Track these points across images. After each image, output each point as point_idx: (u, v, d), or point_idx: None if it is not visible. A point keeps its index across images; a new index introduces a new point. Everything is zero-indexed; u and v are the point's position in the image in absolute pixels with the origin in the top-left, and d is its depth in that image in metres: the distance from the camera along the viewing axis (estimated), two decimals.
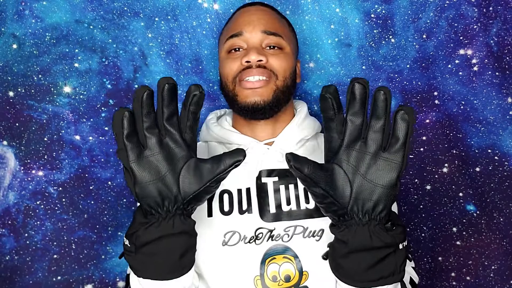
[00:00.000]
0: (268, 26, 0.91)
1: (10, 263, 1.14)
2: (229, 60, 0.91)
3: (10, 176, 1.13)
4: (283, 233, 0.81)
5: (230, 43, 0.91)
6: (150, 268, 0.63)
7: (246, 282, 0.79)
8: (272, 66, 0.88)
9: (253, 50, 0.87)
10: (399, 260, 0.62)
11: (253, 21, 0.91)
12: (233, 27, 0.93)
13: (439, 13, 1.12)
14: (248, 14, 0.93)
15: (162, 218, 0.61)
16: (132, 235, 0.63)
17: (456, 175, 1.19)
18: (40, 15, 1.09)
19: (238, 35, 0.90)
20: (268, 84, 0.87)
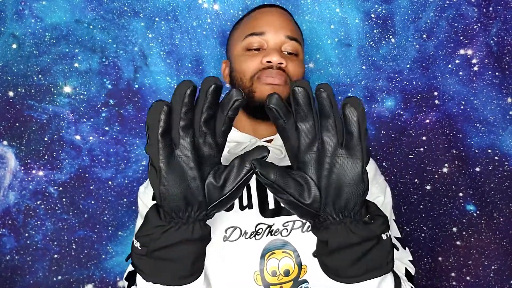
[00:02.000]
0: (290, 31, 0.92)
1: (10, 263, 1.15)
2: (247, 57, 0.90)
3: (10, 176, 1.13)
4: (282, 228, 0.82)
5: (250, 41, 0.91)
6: (162, 273, 0.62)
7: (246, 277, 0.80)
8: (290, 71, 0.89)
9: (275, 52, 0.87)
10: (383, 251, 0.61)
11: (276, 23, 0.91)
12: (255, 25, 0.92)
13: (439, 13, 1.12)
14: (271, 15, 0.93)
15: (182, 223, 0.59)
16: (146, 237, 0.60)
17: (456, 175, 1.19)
18: (40, 15, 1.09)
19: (260, 34, 0.90)
20: (285, 87, 0.88)
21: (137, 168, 1.16)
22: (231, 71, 0.95)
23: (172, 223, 0.59)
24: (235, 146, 0.91)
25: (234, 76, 0.93)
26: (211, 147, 0.59)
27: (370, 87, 1.17)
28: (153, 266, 0.61)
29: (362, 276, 0.61)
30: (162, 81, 1.14)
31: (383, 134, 1.19)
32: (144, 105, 1.14)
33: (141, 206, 0.92)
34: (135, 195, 1.17)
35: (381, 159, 1.20)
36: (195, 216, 0.59)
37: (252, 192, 0.86)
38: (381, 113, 1.18)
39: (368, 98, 1.17)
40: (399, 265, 0.84)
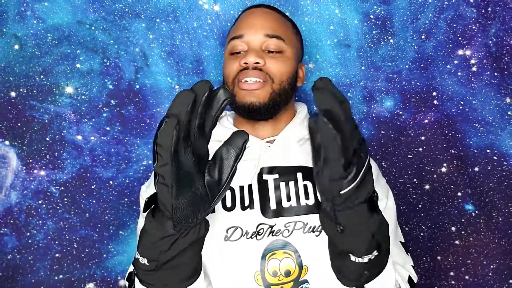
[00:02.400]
0: (270, 29, 0.92)
1: (12, 262, 1.15)
2: (230, 61, 0.92)
3: (12, 176, 1.14)
4: (283, 228, 0.83)
5: (232, 45, 0.93)
6: (171, 281, 0.63)
7: (246, 277, 0.80)
8: (269, 69, 0.89)
9: (251, 52, 0.88)
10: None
11: (255, 24, 0.92)
12: (236, 29, 0.94)
13: (438, 14, 1.13)
14: (252, 17, 0.94)
15: (191, 227, 0.60)
16: (152, 252, 0.60)
17: (455, 175, 1.19)
18: (41, 16, 1.10)
19: (240, 37, 0.92)
20: (264, 87, 0.88)
21: (138, 168, 1.17)
22: (222, 76, 0.98)
23: (181, 231, 0.59)
24: None
25: (223, 82, 0.96)
26: (204, 147, 0.59)
27: (369, 88, 1.17)
28: (163, 277, 0.62)
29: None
30: (163, 82, 1.15)
31: (382, 134, 1.20)
32: (145, 105, 1.15)
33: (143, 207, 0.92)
34: (136, 195, 1.17)
35: (380, 159, 1.21)
36: (202, 217, 0.60)
37: (253, 192, 0.86)
38: (380, 113, 1.19)
39: (367, 99, 1.18)
40: (402, 272, 0.84)
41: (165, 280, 0.63)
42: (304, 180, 0.88)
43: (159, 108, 1.15)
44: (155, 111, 1.15)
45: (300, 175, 0.88)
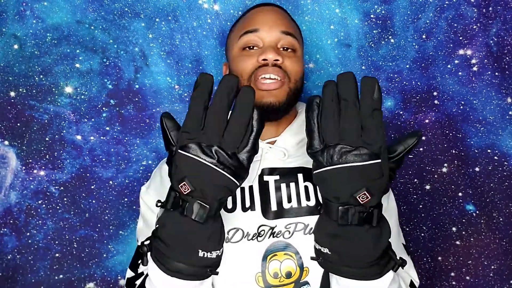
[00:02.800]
0: (285, 26, 0.90)
1: (12, 262, 1.15)
2: (243, 57, 0.89)
3: (11, 176, 1.14)
4: (284, 230, 0.83)
5: (245, 40, 0.90)
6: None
7: (248, 278, 0.80)
8: (287, 67, 0.88)
9: (270, 49, 0.86)
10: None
11: (270, 20, 0.90)
12: (249, 23, 0.91)
13: (439, 14, 1.13)
14: (264, 13, 0.92)
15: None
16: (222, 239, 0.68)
17: (456, 175, 1.19)
18: (41, 16, 1.09)
19: (254, 31, 0.89)
20: (282, 86, 0.87)
21: (138, 168, 1.17)
22: (230, 72, 0.95)
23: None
24: None
25: None
26: None
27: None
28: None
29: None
30: (163, 81, 1.15)
31: None
32: (145, 105, 1.15)
33: (143, 207, 0.92)
34: (136, 195, 1.17)
35: None
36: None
37: (254, 194, 0.86)
38: None
39: None
40: (404, 276, 0.84)
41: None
42: (305, 181, 0.87)
43: (159, 108, 1.15)
44: (155, 111, 1.15)
45: (301, 176, 0.88)
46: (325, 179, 0.64)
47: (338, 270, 0.68)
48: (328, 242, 0.66)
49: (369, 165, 0.60)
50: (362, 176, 0.61)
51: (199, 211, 0.62)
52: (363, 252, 0.64)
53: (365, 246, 0.64)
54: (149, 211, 0.90)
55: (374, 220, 0.63)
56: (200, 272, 0.67)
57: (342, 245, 0.65)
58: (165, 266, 0.66)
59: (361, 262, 0.65)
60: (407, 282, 0.83)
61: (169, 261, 0.65)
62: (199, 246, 0.65)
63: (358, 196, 0.62)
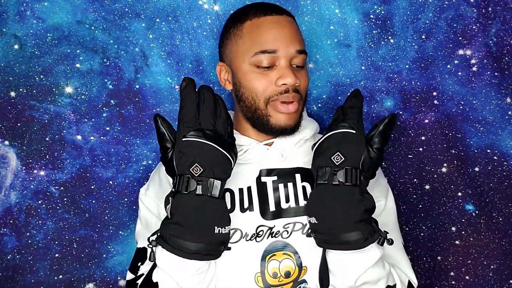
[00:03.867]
0: (299, 44, 0.87)
1: (12, 262, 1.15)
2: (258, 75, 0.86)
3: (12, 176, 1.14)
4: (282, 229, 0.83)
5: (260, 58, 0.85)
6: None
7: (247, 279, 0.81)
8: (301, 87, 0.87)
9: (289, 72, 0.84)
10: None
11: (286, 37, 0.86)
12: (265, 41, 0.85)
13: (438, 14, 1.13)
14: (281, 28, 0.87)
15: None
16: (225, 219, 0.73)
17: (455, 175, 1.19)
18: (41, 16, 1.10)
19: (273, 52, 0.84)
20: (299, 107, 0.88)
21: (138, 168, 1.17)
22: (236, 83, 0.91)
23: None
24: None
25: (243, 93, 0.89)
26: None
27: (369, 88, 1.17)
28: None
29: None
30: (163, 82, 1.15)
31: None
32: (145, 105, 1.15)
33: (142, 209, 0.92)
34: (136, 195, 1.17)
35: None
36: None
37: (252, 194, 0.86)
38: (380, 113, 1.19)
39: (367, 98, 1.18)
40: (402, 276, 0.84)
41: None
42: (303, 181, 0.88)
43: (159, 108, 1.15)
44: (155, 111, 1.15)
45: (298, 176, 0.88)
46: (314, 152, 0.79)
47: (326, 242, 0.74)
48: (311, 206, 0.77)
49: (341, 132, 0.75)
50: (338, 142, 0.75)
51: (214, 187, 0.70)
52: (340, 210, 0.72)
53: (342, 204, 0.72)
54: (148, 212, 0.90)
55: (348, 178, 0.72)
56: (216, 250, 0.72)
57: (321, 206, 0.74)
58: (182, 250, 0.69)
59: (342, 223, 0.71)
60: (405, 281, 0.84)
61: (186, 244, 0.69)
62: (215, 222, 0.70)
63: (333, 157, 0.74)
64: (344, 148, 0.74)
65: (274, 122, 0.87)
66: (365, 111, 1.19)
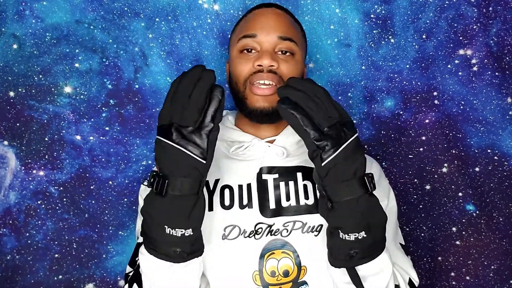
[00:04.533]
0: (283, 31, 0.90)
1: (11, 262, 1.15)
2: (241, 60, 0.90)
3: (11, 176, 1.13)
4: (282, 228, 0.83)
5: (243, 43, 0.90)
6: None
7: (245, 277, 0.81)
8: (282, 72, 0.88)
9: (266, 54, 0.86)
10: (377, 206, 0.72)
11: (268, 25, 0.89)
12: (248, 27, 0.91)
13: (439, 13, 1.13)
14: (264, 17, 0.92)
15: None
16: (194, 221, 0.70)
17: (456, 175, 1.19)
18: (40, 15, 1.09)
19: (252, 36, 0.89)
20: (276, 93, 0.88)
21: (138, 168, 1.17)
22: (230, 74, 0.95)
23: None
24: (237, 146, 0.91)
25: (231, 80, 0.93)
26: None
27: (369, 87, 1.17)
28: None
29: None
30: (162, 81, 1.15)
31: (383, 134, 1.20)
32: (144, 105, 1.15)
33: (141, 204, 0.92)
34: (136, 195, 1.17)
35: (381, 159, 1.21)
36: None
37: (252, 191, 0.86)
38: (381, 113, 1.19)
39: (367, 98, 1.18)
40: (402, 273, 0.84)
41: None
42: (304, 180, 0.88)
43: (159, 108, 1.15)
44: (155, 111, 1.15)
45: (300, 175, 0.88)
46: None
47: (369, 255, 0.71)
48: (364, 220, 0.70)
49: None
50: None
51: (160, 185, 0.67)
52: (384, 217, 0.72)
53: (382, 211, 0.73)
54: None
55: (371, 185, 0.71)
56: (169, 252, 0.69)
57: (372, 217, 0.71)
58: (145, 245, 0.71)
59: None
60: (406, 279, 0.84)
61: (148, 239, 0.70)
62: (164, 221, 0.68)
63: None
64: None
65: (249, 104, 0.89)
66: (365, 111, 1.19)
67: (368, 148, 1.20)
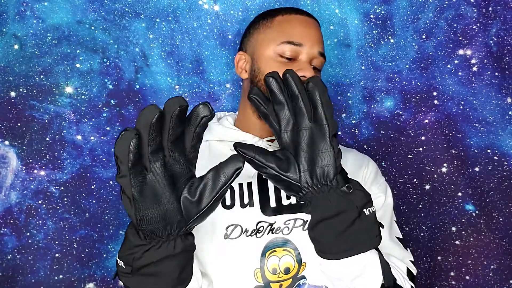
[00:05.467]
0: (322, 47, 0.92)
1: (12, 262, 1.15)
2: (280, 64, 0.89)
3: (12, 176, 1.14)
4: (283, 226, 0.83)
5: (287, 49, 0.89)
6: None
7: (246, 274, 0.81)
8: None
9: (309, 67, 0.87)
10: (367, 225, 0.65)
11: (313, 37, 0.90)
12: (293, 34, 0.90)
13: (439, 14, 1.13)
14: (309, 27, 0.92)
15: (163, 241, 0.59)
16: (128, 257, 0.60)
17: (455, 175, 1.19)
18: (41, 16, 1.10)
19: (299, 45, 0.88)
20: None
21: None
22: (254, 69, 0.92)
23: (152, 243, 0.59)
24: None
25: (260, 79, 0.91)
26: (182, 164, 0.59)
27: (369, 87, 1.17)
28: (140, 282, 0.62)
29: (351, 250, 0.65)
30: (163, 82, 1.15)
31: (382, 134, 1.20)
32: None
33: None
34: None
35: (380, 159, 1.21)
36: (175, 234, 0.60)
37: (253, 190, 0.87)
38: (380, 113, 1.19)
39: (367, 98, 1.18)
40: (400, 265, 0.84)
41: (141, 286, 0.62)
42: None
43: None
44: None
45: None
46: None
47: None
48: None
49: None
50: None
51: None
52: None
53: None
54: None
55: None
56: None
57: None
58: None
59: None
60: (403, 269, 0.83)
61: None
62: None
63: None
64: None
65: None
66: (364, 111, 1.19)
67: (368, 148, 1.20)
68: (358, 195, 0.65)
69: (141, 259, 0.59)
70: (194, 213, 0.59)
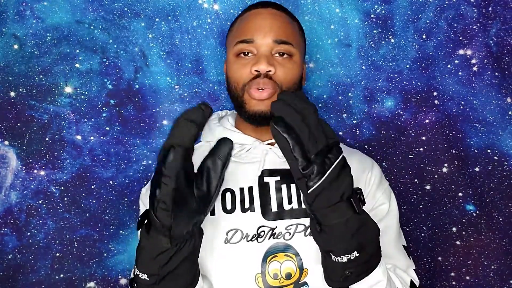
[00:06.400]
0: (280, 34, 0.88)
1: (13, 261, 1.16)
2: (238, 65, 0.89)
3: (12, 176, 1.14)
4: (284, 231, 0.83)
5: (239, 48, 0.89)
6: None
7: (247, 279, 0.81)
8: (279, 77, 0.87)
9: (263, 59, 0.85)
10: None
11: (264, 28, 0.88)
12: (244, 31, 0.89)
13: (439, 14, 1.13)
14: (260, 19, 0.90)
15: (187, 239, 0.65)
16: (152, 266, 0.64)
17: (456, 175, 1.19)
18: (41, 16, 1.09)
19: (249, 42, 0.88)
20: (273, 95, 0.86)
21: (138, 167, 1.17)
22: (227, 76, 0.94)
23: (178, 245, 0.64)
24: (238, 148, 0.91)
25: (229, 83, 0.92)
26: (191, 167, 0.65)
27: (370, 87, 1.17)
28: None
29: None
30: (163, 81, 1.15)
31: (383, 134, 1.19)
32: (145, 105, 1.15)
33: (142, 209, 0.92)
34: (136, 195, 1.17)
35: (381, 159, 1.21)
36: (197, 228, 0.65)
37: (254, 195, 0.86)
38: (381, 113, 1.18)
39: (368, 98, 1.18)
40: (404, 276, 0.84)
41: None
42: None
43: (159, 108, 1.15)
44: (155, 111, 1.15)
45: None
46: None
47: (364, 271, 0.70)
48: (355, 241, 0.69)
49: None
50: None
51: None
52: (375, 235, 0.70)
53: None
54: None
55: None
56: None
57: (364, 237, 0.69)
58: None
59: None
60: (407, 281, 0.83)
61: None
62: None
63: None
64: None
65: (248, 108, 0.88)
66: (365, 111, 1.19)
67: (368, 148, 1.20)
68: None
69: (168, 264, 0.64)
70: (207, 202, 0.64)
